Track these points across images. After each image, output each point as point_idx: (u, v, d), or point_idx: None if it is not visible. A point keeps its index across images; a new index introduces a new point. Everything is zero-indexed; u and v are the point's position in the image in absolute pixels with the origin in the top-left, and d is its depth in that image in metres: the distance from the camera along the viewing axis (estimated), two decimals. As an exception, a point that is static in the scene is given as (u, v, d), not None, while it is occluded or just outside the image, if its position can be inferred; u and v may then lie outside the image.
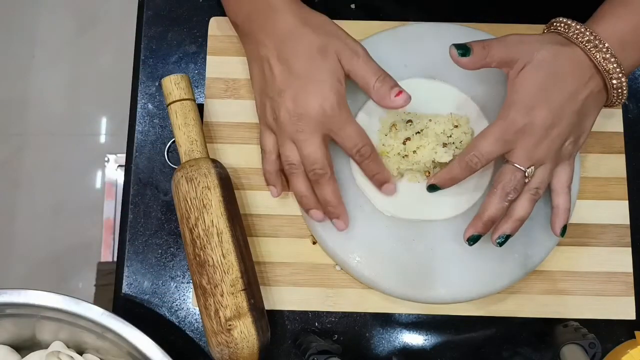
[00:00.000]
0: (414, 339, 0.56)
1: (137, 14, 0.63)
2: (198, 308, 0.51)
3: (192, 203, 0.51)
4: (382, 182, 0.53)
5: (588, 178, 0.58)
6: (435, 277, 0.53)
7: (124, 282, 0.57)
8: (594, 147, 0.59)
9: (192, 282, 0.52)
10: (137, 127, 0.60)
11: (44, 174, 1.46)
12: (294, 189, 0.53)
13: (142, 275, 0.57)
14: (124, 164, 0.60)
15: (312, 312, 0.56)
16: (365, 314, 0.56)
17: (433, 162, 0.53)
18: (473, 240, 0.50)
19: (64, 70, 1.52)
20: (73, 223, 1.42)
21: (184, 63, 0.62)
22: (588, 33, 0.48)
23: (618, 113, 0.60)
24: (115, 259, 0.58)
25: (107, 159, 1.42)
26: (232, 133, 0.59)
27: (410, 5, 0.62)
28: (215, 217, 0.50)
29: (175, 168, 0.57)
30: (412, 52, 0.58)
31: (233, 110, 0.60)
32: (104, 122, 1.50)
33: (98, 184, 1.45)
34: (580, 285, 0.56)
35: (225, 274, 0.49)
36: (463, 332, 0.56)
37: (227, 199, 0.52)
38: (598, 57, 0.48)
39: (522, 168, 0.48)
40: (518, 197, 0.49)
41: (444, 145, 0.53)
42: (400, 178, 0.55)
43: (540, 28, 0.53)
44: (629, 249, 0.57)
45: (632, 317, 0.56)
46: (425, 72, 0.57)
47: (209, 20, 0.62)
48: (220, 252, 0.50)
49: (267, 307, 0.54)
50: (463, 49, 0.49)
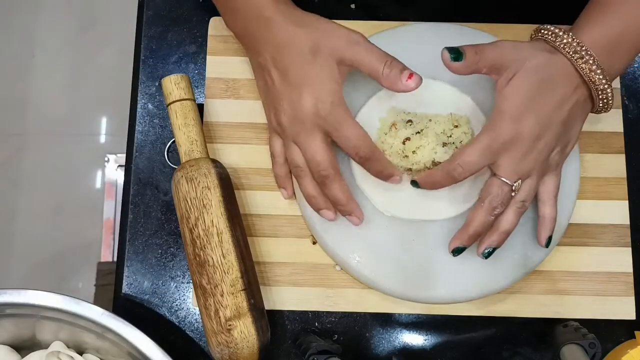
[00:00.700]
0: (414, 339, 0.56)
1: (137, 14, 0.63)
2: (198, 308, 0.51)
3: (192, 203, 0.51)
4: (387, 177, 0.53)
5: (588, 178, 0.58)
6: (435, 277, 0.53)
7: (124, 282, 0.57)
8: (594, 147, 0.59)
9: (192, 282, 0.53)
10: (137, 127, 0.60)
11: (44, 174, 1.46)
12: (303, 191, 0.53)
13: (142, 275, 0.57)
14: (124, 164, 0.60)
15: (312, 312, 0.56)
16: (365, 314, 0.56)
17: (433, 162, 0.53)
18: (457, 252, 0.51)
19: (64, 70, 1.52)
20: (73, 223, 1.42)
21: (184, 63, 0.62)
22: (575, 44, 0.48)
23: (618, 113, 0.60)
24: (115, 259, 0.58)
25: (107, 159, 1.42)
26: (232, 133, 0.59)
27: (410, 5, 0.62)
28: (215, 217, 0.51)
29: (175, 168, 0.57)
30: (412, 52, 0.58)
31: (233, 110, 0.60)
32: (104, 122, 1.50)
33: (98, 184, 1.45)
34: (580, 285, 0.56)
35: (225, 274, 0.49)
36: (463, 332, 0.56)
37: (227, 199, 0.52)
38: (584, 68, 0.47)
39: (509, 182, 0.48)
40: (504, 210, 0.49)
41: (444, 145, 0.53)
42: (402, 173, 0.55)
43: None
44: (629, 249, 0.57)
45: (632, 317, 0.56)
46: (425, 72, 0.57)
47: (209, 20, 0.62)
48: (220, 252, 0.50)
49: (267, 307, 0.54)
50: (455, 53, 0.48)
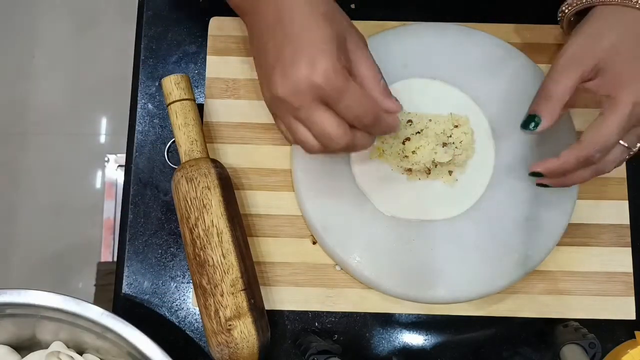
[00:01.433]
0: (414, 339, 0.56)
1: (137, 14, 0.63)
2: (198, 308, 0.51)
3: (192, 203, 0.51)
4: (391, 130, 0.47)
5: (588, 178, 0.58)
6: (435, 277, 0.53)
7: (124, 282, 0.57)
8: (594, 147, 0.59)
9: (192, 282, 0.53)
10: (137, 127, 0.60)
11: (44, 174, 1.46)
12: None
13: (142, 275, 0.57)
14: (124, 164, 0.60)
15: (312, 312, 0.56)
16: (365, 314, 0.56)
17: (433, 162, 0.53)
18: (536, 176, 0.50)
19: (64, 70, 1.52)
20: (73, 223, 1.42)
21: (184, 63, 0.62)
22: None
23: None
24: (115, 259, 0.58)
25: (107, 159, 1.42)
26: (232, 133, 0.59)
27: (410, 5, 0.62)
28: (215, 217, 0.51)
29: (175, 168, 0.57)
30: (412, 52, 0.58)
31: (233, 110, 0.60)
32: (104, 122, 1.50)
33: (98, 184, 1.45)
34: (581, 285, 0.56)
35: (225, 274, 0.49)
36: (463, 332, 0.56)
37: (227, 199, 0.52)
38: None
39: (634, 149, 0.48)
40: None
41: (444, 145, 0.53)
42: (401, 174, 0.55)
43: (540, 28, 0.53)
44: (629, 249, 0.57)
45: (632, 317, 0.56)
46: (425, 72, 0.57)
47: (209, 20, 0.62)
48: (220, 252, 0.50)
49: (267, 307, 0.54)
50: (531, 122, 0.48)
